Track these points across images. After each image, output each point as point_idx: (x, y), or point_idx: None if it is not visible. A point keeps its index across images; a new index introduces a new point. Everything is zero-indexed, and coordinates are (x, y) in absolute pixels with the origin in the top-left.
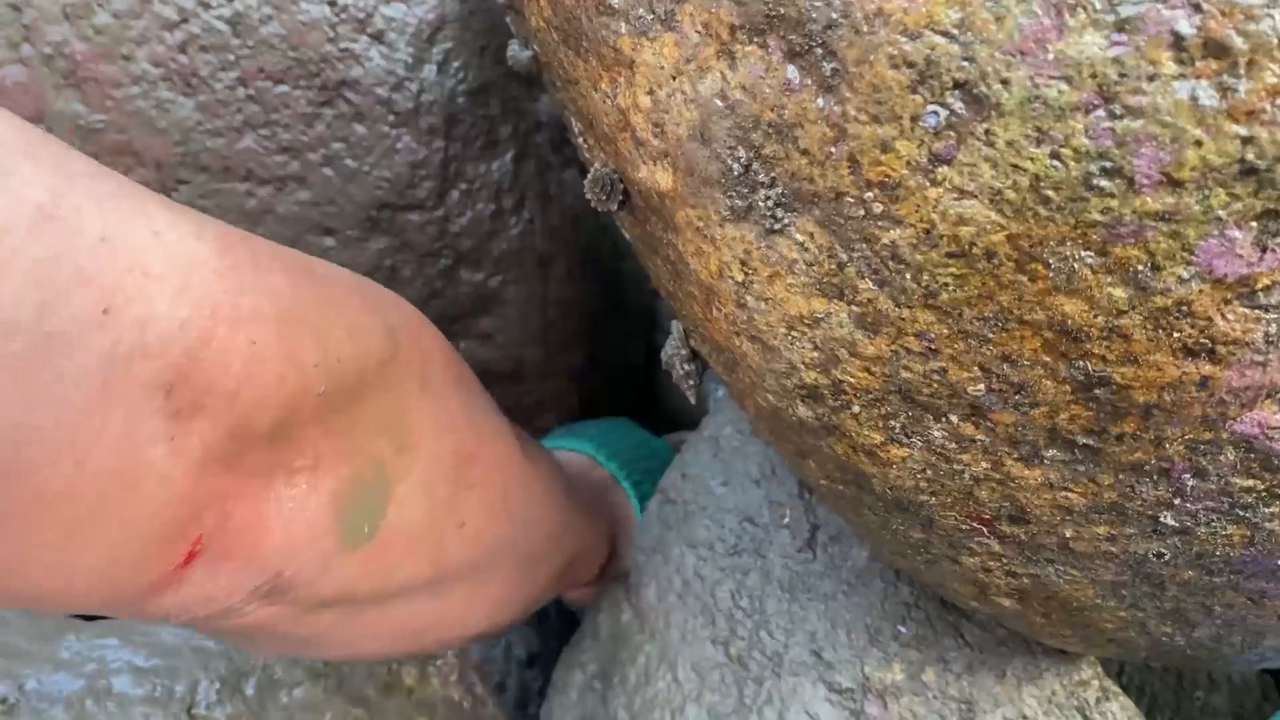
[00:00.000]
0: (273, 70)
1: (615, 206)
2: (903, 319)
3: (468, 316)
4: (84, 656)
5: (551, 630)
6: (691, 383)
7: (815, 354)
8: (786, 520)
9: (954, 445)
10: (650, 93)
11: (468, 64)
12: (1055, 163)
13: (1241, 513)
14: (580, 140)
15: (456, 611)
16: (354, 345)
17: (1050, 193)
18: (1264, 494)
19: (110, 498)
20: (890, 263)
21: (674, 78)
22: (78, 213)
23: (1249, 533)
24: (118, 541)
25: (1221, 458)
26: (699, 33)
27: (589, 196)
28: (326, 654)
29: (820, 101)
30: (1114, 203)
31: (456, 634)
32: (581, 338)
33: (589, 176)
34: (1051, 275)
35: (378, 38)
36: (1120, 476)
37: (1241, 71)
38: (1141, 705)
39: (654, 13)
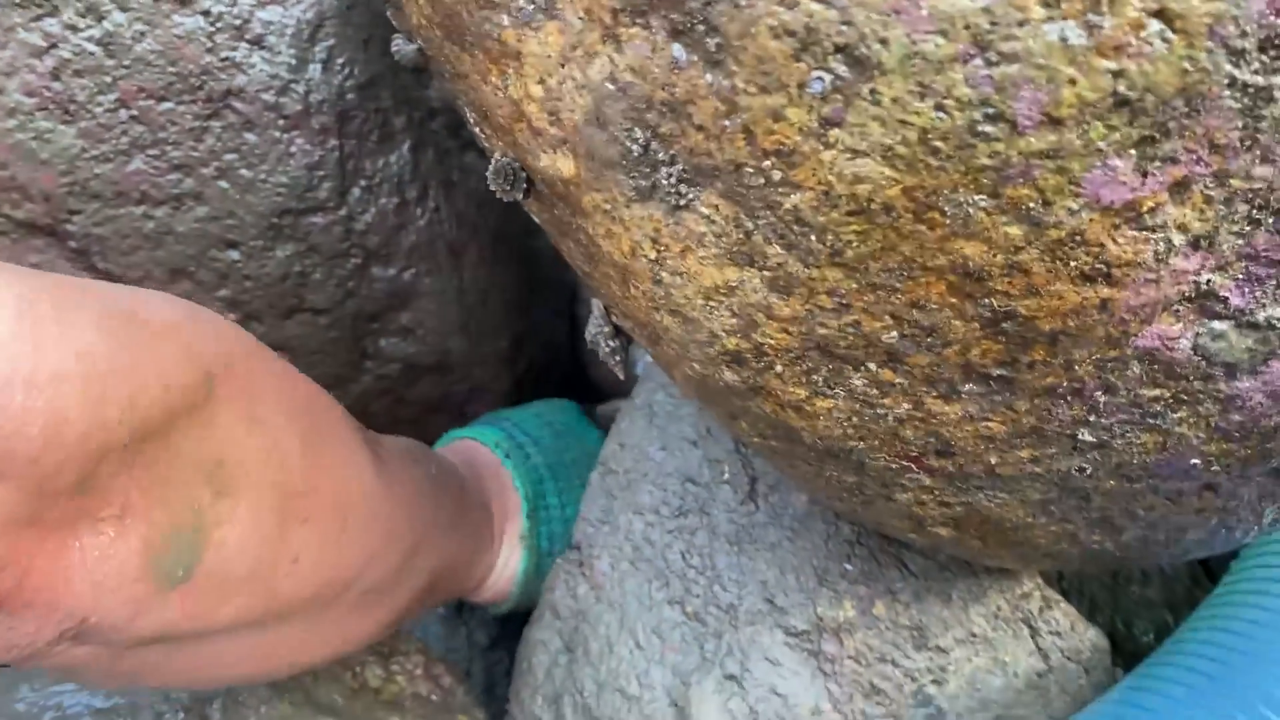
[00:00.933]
0: (153, 88)
1: (520, 195)
2: (813, 279)
3: (386, 313)
4: (40, 706)
5: (510, 613)
6: (618, 358)
7: (734, 320)
8: (726, 476)
9: (875, 391)
10: (541, 82)
11: (353, 59)
12: (940, 114)
13: (1152, 420)
14: (477, 130)
15: (294, 643)
16: (165, 394)
17: (939, 143)
18: (1170, 401)
19: None
20: (795, 226)
21: (562, 65)
22: None
23: (1161, 439)
24: None
25: (1128, 372)
26: (581, 19)
27: (493, 188)
28: (159, 685)
29: (709, 77)
30: (1000, 146)
31: (302, 662)
32: (504, 321)
33: (490, 168)
34: (949, 222)
35: (257, 43)
36: (1036, 401)
37: (1105, 9)
38: (1081, 608)
39: (534, 2)
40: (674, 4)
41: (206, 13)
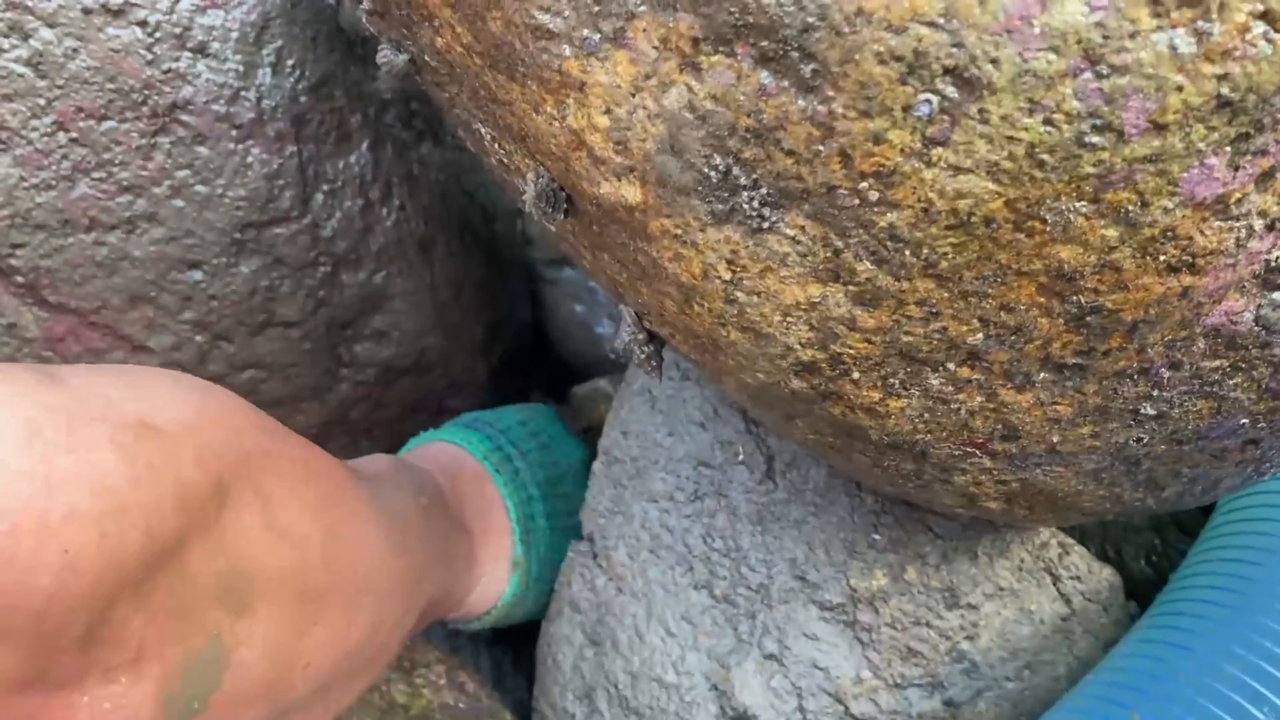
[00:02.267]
0: (93, 107)
1: (562, 217)
2: (902, 290)
3: (359, 319)
4: None
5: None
6: (653, 363)
7: (812, 334)
8: (741, 457)
9: (951, 388)
10: (608, 112)
11: (302, 59)
12: (1048, 128)
13: (1210, 388)
14: (493, 145)
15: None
16: (180, 514)
17: (1045, 156)
18: (1229, 369)
19: None
20: (889, 243)
21: (633, 95)
22: None
23: (1216, 404)
24: None
25: (1194, 348)
26: (656, 48)
27: (533, 211)
28: None
29: (801, 102)
30: (1105, 154)
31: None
32: (476, 311)
33: (532, 192)
34: (1048, 229)
35: (201, 51)
36: (1104, 383)
37: (1214, 15)
38: (1073, 538)
39: (600, 32)
40: (764, 32)
41: (143, 23)
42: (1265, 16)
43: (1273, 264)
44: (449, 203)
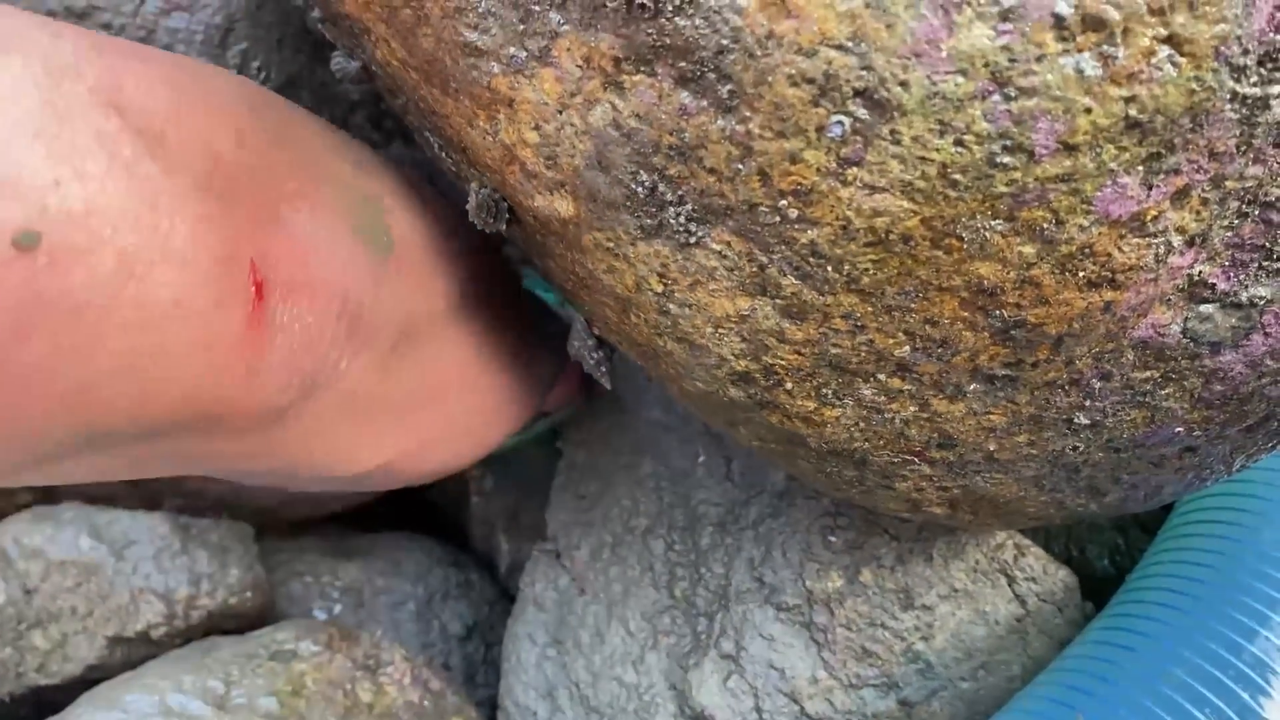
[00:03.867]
0: None
1: (503, 226)
2: (827, 305)
3: None
4: None
5: (481, 598)
6: (604, 369)
7: (744, 345)
8: (701, 458)
9: (884, 398)
10: (537, 128)
11: (268, 61)
12: (959, 149)
13: (1142, 399)
14: (442, 154)
15: (504, 371)
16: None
17: (958, 176)
18: (1160, 379)
19: (141, 228)
20: (811, 259)
21: (560, 111)
22: None
23: (1149, 414)
24: (184, 281)
25: (1123, 359)
26: (580, 67)
27: (474, 220)
28: (413, 434)
29: (721, 122)
30: (1017, 174)
31: (515, 399)
32: None
33: (472, 202)
34: (965, 246)
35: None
36: (1035, 394)
37: (1119, 40)
38: (1038, 539)
39: (526, 50)
40: (681, 54)
41: (107, 26)
42: (1170, 41)
43: (1196, 278)
44: None
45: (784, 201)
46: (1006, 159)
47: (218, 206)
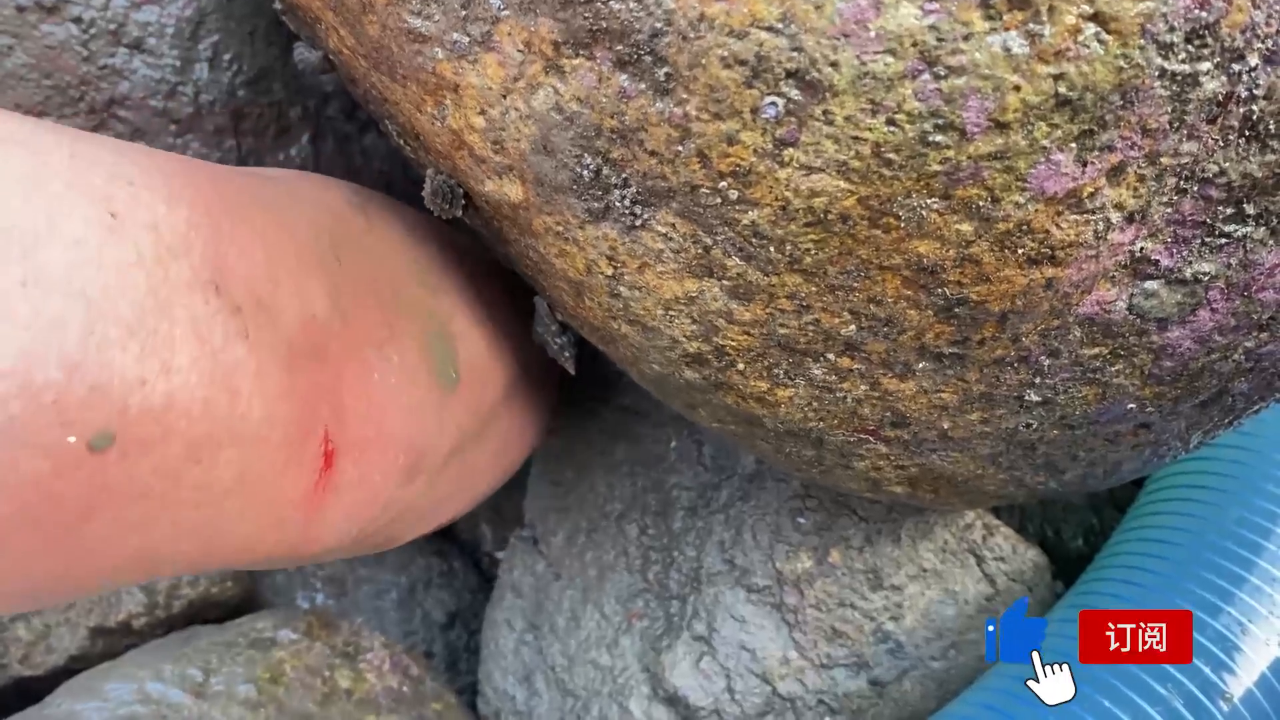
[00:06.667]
0: (30, 104)
1: (459, 213)
2: (772, 285)
3: None
4: None
5: (464, 585)
6: (567, 354)
7: (694, 327)
8: (673, 443)
9: (834, 378)
10: (482, 113)
11: (240, 54)
12: (892, 128)
13: (1092, 375)
14: (400, 142)
15: (522, 421)
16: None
17: (891, 155)
18: (1109, 356)
19: (216, 415)
20: (753, 240)
21: (504, 96)
22: None
23: (1100, 390)
24: (251, 459)
25: (1070, 336)
26: (521, 51)
27: (430, 208)
28: (440, 516)
29: (659, 105)
30: (950, 152)
31: (525, 442)
32: None
33: (427, 189)
34: (903, 225)
35: (136, 46)
36: (985, 371)
37: (1044, 18)
38: (1014, 520)
39: (469, 35)
40: (619, 37)
41: (78, 20)
42: (1096, 18)
43: (1139, 255)
44: (393, 192)
45: (724, 183)
46: (939, 137)
47: (303, 373)
